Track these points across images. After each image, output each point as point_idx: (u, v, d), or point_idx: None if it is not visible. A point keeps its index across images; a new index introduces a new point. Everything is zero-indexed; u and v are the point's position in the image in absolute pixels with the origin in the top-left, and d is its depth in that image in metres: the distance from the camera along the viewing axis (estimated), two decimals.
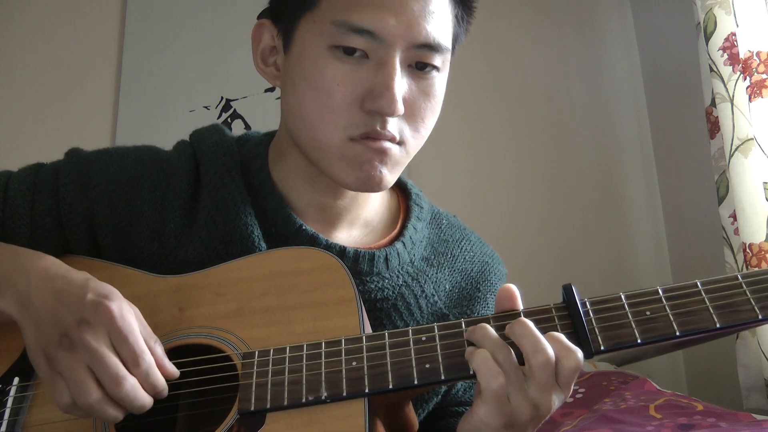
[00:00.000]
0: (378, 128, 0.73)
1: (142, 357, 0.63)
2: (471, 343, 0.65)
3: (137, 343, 0.63)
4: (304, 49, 0.75)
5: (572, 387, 0.63)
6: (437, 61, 0.76)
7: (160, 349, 0.66)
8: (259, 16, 0.83)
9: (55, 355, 0.63)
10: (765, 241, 1.54)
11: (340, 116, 0.73)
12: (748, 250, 1.56)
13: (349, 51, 0.73)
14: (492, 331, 0.64)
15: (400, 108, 0.72)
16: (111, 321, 0.63)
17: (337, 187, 0.81)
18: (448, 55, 0.78)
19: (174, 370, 0.67)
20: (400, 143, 0.76)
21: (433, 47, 0.74)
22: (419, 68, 0.75)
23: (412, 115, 0.76)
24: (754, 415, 1.20)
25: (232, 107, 2.33)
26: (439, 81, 0.78)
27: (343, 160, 0.75)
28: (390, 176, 0.76)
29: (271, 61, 0.82)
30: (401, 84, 0.73)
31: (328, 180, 0.80)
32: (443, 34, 0.75)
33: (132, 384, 0.62)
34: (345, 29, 0.72)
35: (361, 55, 0.73)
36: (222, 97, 2.33)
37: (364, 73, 0.73)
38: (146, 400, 0.63)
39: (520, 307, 0.67)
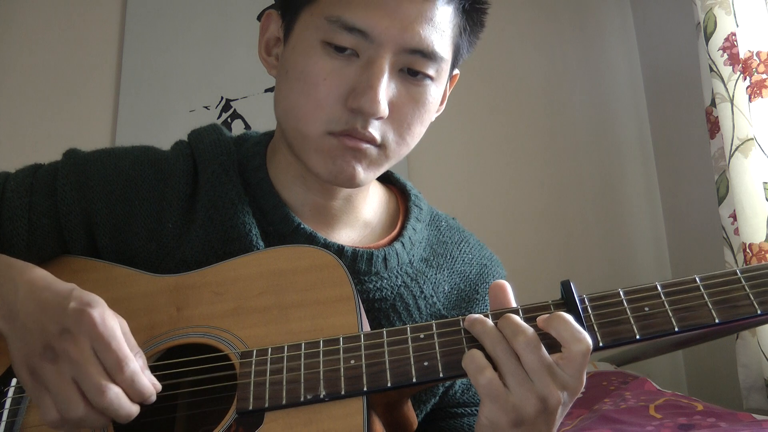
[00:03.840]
0: (359, 128, 0.73)
1: (125, 362, 0.61)
2: (470, 339, 0.65)
3: (120, 348, 0.61)
4: (299, 41, 0.76)
5: (584, 379, 0.62)
6: (430, 69, 0.75)
7: (141, 361, 0.63)
8: (271, 7, 0.84)
9: (39, 367, 0.61)
10: (765, 241, 1.53)
11: (323, 110, 0.73)
12: (748, 250, 1.56)
13: (340, 49, 0.72)
14: (491, 324, 0.64)
15: (383, 109, 0.72)
16: (92, 328, 0.61)
17: (328, 186, 0.81)
18: (445, 66, 0.77)
19: (155, 384, 0.64)
20: (381, 146, 0.75)
21: (426, 54, 0.73)
22: (411, 74, 0.74)
23: (398, 121, 0.75)
24: (754, 415, 1.19)
25: (232, 107, 2.33)
26: (432, 91, 0.77)
27: (318, 152, 0.75)
28: (365, 174, 0.76)
29: (273, 52, 0.83)
30: (387, 86, 0.72)
31: (317, 178, 0.80)
32: (440, 42, 0.74)
33: (115, 393, 0.60)
34: (337, 26, 0.72)
35: (352, 54, 0.73)
36: (222, 97, 2.33)
37: (352, 71, 0.72)
38: (131, 408, 0.61)
39: (512, 298, 0.67)
